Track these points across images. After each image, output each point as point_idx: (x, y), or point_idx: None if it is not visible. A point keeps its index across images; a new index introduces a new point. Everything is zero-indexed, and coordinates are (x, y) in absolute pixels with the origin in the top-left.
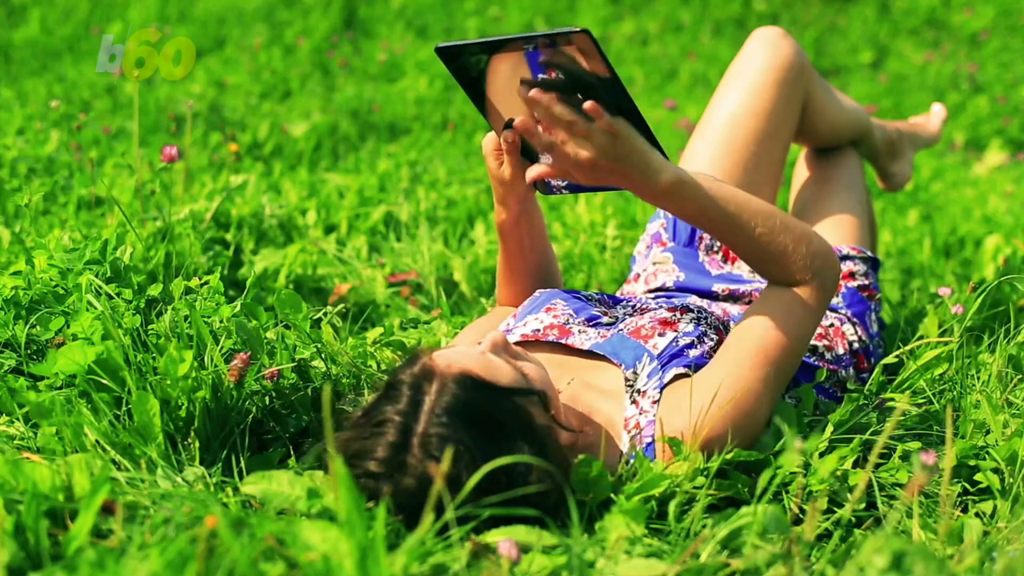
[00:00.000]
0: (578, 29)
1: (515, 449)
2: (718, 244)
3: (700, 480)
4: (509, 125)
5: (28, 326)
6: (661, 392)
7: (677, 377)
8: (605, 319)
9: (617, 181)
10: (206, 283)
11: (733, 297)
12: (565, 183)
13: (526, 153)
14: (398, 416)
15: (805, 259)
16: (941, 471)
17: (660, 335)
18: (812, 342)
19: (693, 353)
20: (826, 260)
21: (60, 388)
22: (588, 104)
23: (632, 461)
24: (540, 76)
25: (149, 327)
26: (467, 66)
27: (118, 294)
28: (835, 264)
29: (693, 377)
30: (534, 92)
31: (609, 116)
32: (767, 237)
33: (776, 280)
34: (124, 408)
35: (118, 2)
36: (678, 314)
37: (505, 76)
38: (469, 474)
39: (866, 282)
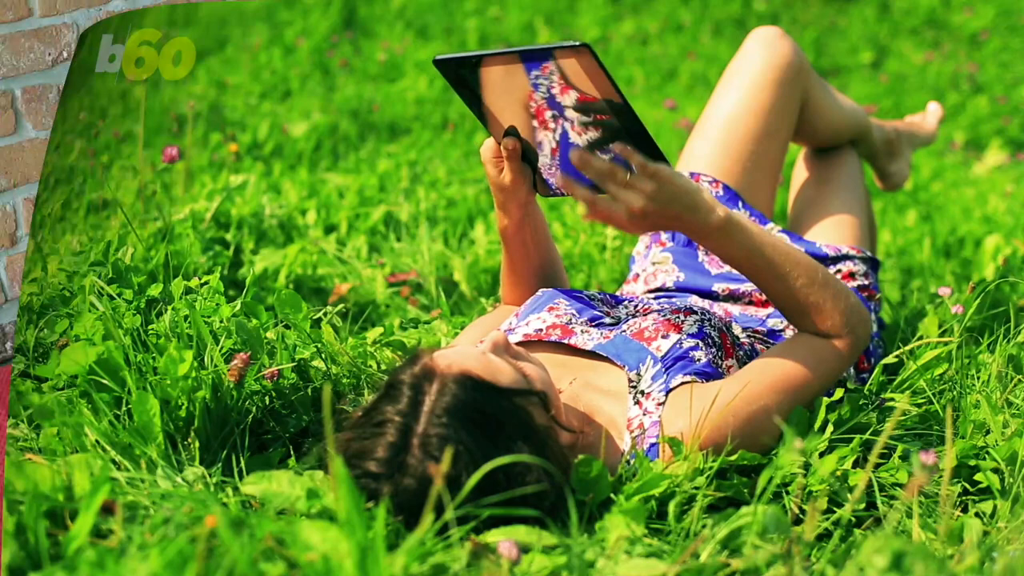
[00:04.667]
0: (578, 43)
1: (515, 449)
2: None
3: (700, 480)
4: (509, 132)
5: (37, 330)
6: (667, 396)
7: (685, 384)
8: (608, 319)
9: (669, 226)
10: (206, 283)
11: (734, 297)
12: None
13: (526, 158)
14: (398, 416)
15: (842, 315)
16: (941, 471)
17: (664, 337)
18: None
19: (697, 356)
20: (861, 317)
21: (63, 389)
22: (617, 146)
23: (632, 461)
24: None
25: (149, 327)
26: (464, 76)
27: (119, 295)
28: (868, 322)
29: (705, 385)
30: (572, 154)
31: (642, 158)
32: (807, 289)
33: (809, 332)
34: (124, 408)
35: None
36: (681, 316)
37: (502, 83)
38: (469, 474)
39: (866, 282)
